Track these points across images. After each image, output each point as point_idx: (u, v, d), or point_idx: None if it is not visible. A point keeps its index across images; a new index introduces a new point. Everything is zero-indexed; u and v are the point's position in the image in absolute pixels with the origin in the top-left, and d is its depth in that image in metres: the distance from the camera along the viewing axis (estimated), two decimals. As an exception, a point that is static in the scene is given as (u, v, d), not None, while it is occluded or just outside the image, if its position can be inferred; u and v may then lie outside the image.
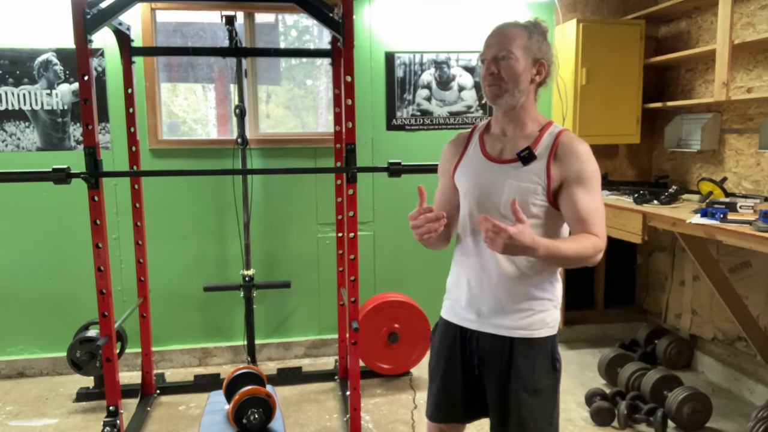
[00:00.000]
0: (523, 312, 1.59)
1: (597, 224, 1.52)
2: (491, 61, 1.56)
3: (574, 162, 1.53)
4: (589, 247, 1.48)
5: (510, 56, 1.54)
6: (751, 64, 3.09)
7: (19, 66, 3.33)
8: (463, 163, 1.68)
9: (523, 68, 1.54)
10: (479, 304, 1.63)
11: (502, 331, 1.61)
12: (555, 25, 3.71)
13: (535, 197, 1.54)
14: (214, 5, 3.45)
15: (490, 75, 1.55)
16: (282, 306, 3.75)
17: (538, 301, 1.60)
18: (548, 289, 1.62)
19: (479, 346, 1.65)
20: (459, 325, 1.70)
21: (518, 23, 1.60)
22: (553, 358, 1.63)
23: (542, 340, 1.61)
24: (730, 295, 2.97)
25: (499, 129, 1.65)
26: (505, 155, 1.60)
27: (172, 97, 3.81)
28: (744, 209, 2.63)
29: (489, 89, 1.57)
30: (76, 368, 3.01)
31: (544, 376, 1.61)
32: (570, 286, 3.85)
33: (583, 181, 1.53)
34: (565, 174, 1.53)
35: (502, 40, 1.56)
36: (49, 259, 3.47)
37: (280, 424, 2.45)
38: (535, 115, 1.62)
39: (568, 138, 1.57)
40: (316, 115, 3.99)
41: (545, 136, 1.58)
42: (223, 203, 3.58)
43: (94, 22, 2.35)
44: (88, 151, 2.38)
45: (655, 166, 3.95)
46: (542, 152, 1.55)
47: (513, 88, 1.54)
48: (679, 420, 2.80)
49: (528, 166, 1.55)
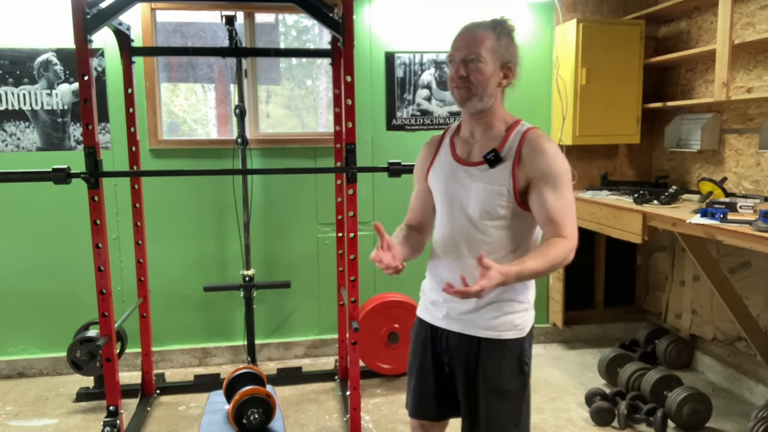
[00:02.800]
0: (492, 313, 1.60)
1: (566, 224, 1.50)
2: (460, 64, 1.54)
3: (539, 161, 1.51)
4: (560, 254, 1.46)
5: (479, 60, 1.52)
6: (751, 64, 3.09)
7: (19, 66, 3.33)
8: (435, 165, 1.69)
9: (491, 72, 1.53)
10: (450, 304, 1.64)
11: (470, 331, 1.62)
12: (555, 25, 3.71)
13: (501, 199, 1.54)
14: (214, 5, 3.45)
15: (459, 78, 1.54)
16: (282, 306, 3.75)
17: (507, 303, 1.60)
18: (519, 291, 1.61)
19: (449, 345, 1.67)
20: (431, 324, 1.72)
21: (486, 24, 1.58)
22: (522, 361, 1.63)
23: (510, 342, 1.61)
24: (730, 295, 2.97)
25: (468, 131, 1.64)
26: (474, 157, 1.60)
27: (172, 97, 3.81)
28: (744, 209, 2.63)
29: (457, 92, 1.56)
30: (76, 368, 3.01)
31: (511, 379, 1.61)
32: (570, 286, 3.85)
33: (550, 179, 1.51)
34: (531, 173, 1.52)
35: (471, 42, 1.54)
36: (49, 259, 3.47)
37: (280, 424, 2.45)
38: (503, 115, 1.62)
39: (534, 137, 1.55)
40: (316, 115, 3.99)
41: (512, 136, 1.57)
42: (223, 203, 3.58)
43: (94, 22, 2.35)
44: (88, 151, 2.38)
45: (655, 166, 3.95)
46: (508, 153, 1.55)
47: (481, 92, 1.53)
48: (679, 420, 2.80)
49: (495, 168, 1.55)
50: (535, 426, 2.90)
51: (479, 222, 1.57)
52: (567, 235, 1.49)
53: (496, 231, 1.57)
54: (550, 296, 3.96)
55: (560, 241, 1.47)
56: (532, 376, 1.69)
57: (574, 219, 1.53)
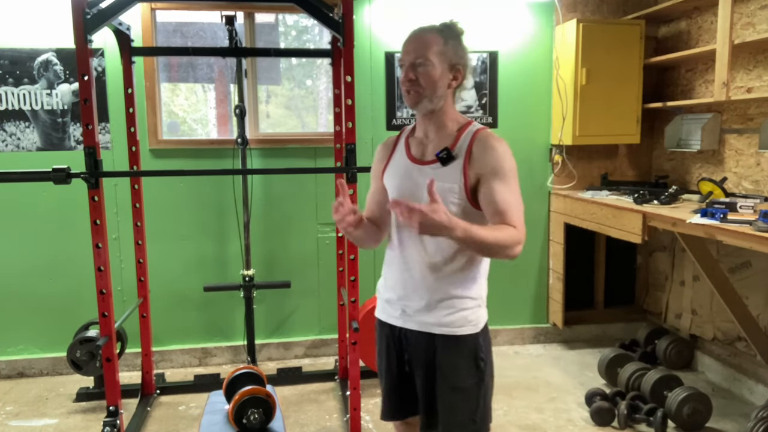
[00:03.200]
0: (446, 310, 1.63)
1: (515, 217, 1.53)
2: (409, 68, 1.60)
3: (489, 158, 1.57)
4: (507, 237, 1.48)
5: (427, 63, 1.57)
6: (751, 64, 3.09)
7: (19, 66, 3.33)
8: (390, 165, 1.74)
9: (439, 74, 1.58)
10: (405, 302, 1.68)
11: (426, 328, 1.66)
12: (555, 25, 3.71)
13: (453, 196, 1.58)
14: (214, 5, 3.45)
15: (408, 81, 1.59)
16: (282, 306, 3.75)
17: (460, 300, 1.64)
18: (471, 288, 1.65)
19: (408, 343, 1.71)
20: (389, 323, 1.75)
21: (434, 27, 1.64)
22: (477, 356, 1.66)
23: (465, 338, 1.64)
24: (730, 295, 2.97)
25: (422, 131, 1.69)
26: (427, 156, 1.65)
27: (172, 97, 3.81)
28: (744, 209, 2.63)
29: (407, 95, 1.62)
30: (76, 368, 3.01)
31: (467, 374, 1.65)
32: (570, 286, 3.86)
33: (499, 175, 1.55)
34: (481, 170, 1.57)
35: (418, 46, 1.59)
36: (49, 259, 3.47)
37: (280, 424, 2.45)
38: (455, 115, 1.67)
39: (484, 136, 1.61)
40: (316, 115, 3.99)
41: (463, 136, 1.62)
42: (223, 203, 3.58)
43: (94, 22, 2.35)
44: (88, 151, 2.38)
45: (655, 166, 3.95)
46: (460, 151, 1.60)
47: (431, 94, 1.59)
48: (679, 420, 2.80)
49: (447, 166, 1.60)
50: (536, 426, 2.90)
51: None
52: (516, 225, 1.52)
53: None
54: (550, 296, 3.96)
55: (509, 228, 1.50)
56: (532, 376, 1.70)
57: (521, 215, 1.56)
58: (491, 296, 1.73)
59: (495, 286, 3.71)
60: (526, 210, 1.59)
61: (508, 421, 2.95)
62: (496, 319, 3.92)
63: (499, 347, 3.91)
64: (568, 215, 3.66)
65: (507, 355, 3.80)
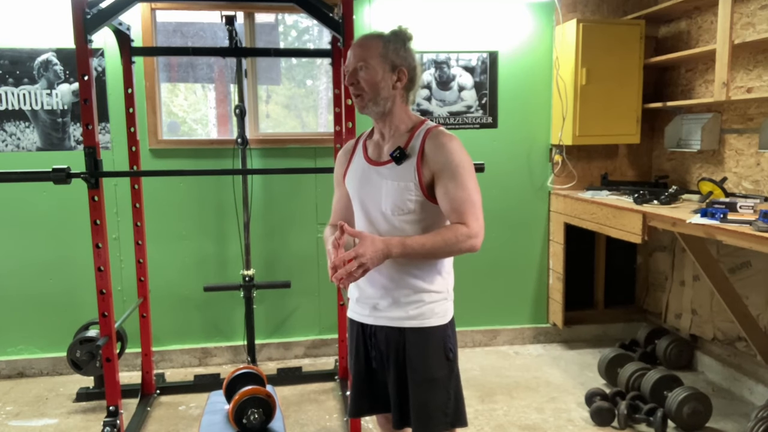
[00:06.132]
0: (413, 304, 1.69)
1: (467, 213, 1.59)
2: (351, 73, 1.67)
3: (440, 156, 1.61)
4: (452, 235, 1.56)
5: (367, 67, 1.64)
6: (751, 64, 3.09)
7: (19, 66, 3.33)
8: (350, 169, 1.79)
9: (381, 77, 1.64)
10: (373, 300, 1.73)
11: (395, 323, 1.71)
12: (555, 25, 3.71)
13: (409, 194, 1.64)
14: (214, 5, 3.45)
15: (351, 85, 1.67)
16: (282, 306, 3.75)
17: (426, 293, 1.69)
18: (436, 281, 1.70)
19: (378, 339, 1.76)
20: (359, 322, 1.80)
21: (376, 34, 1.70)
22: (446, 347, 1.71)
23: (432, 330, 1.69)
24: (730, 295, 2.97)
25: (378, 134, 1.76)
26: (383, 157, 1.71)
27: (172, 97, 3.81)
28: (744, 209, 2.63)
29: (354, 100, 1.69)
30: (76, 368, 3.01)
31: (437, 366, 1.69)
32: (570, 286, 3.85)
33: (451, 172, 1.60)
34: (434, 167, 1.62)
35: (359, 52, 1.66)
36: (50, 259, 3.47)
37: (280, 424, 2.45)
38: (407, 116, 1.72)
39: (435, 134, 1.65)
40: (316, 115, 3.99)
41: (416, 135, 1.68)
42: (223, 203, 3.58)
43: (94, 22, 2.36)
44: (88, 151, 2.39)
45: (655, 166, 3.95)
46: (413, 150, 1.65)
47: (375, 96, 1.65)
48: (679, 420, 2.80)
49: (401, 165, 1.65)
50: (536, 426, 2.90)
51: (392, 218, 1.66)
52: (467, 222, 1.58)
53: (408, 226, 1.66)
54: (550, 296, 3.96)
55: (457, 226, 1.58)
56: (532, 376, 1.71)
57: (476, 208, 1.61)
58: (492, 296, 1.74)
59: (495, 286, 3.73)
60: (526, 210, 1.60)
61: (508, 421, 2.95)
62: (496, 319, 3.94)
63: (499, 347, 3.91)
64: (568, 215, 3.66)
65: (507, 355, 3.80)
